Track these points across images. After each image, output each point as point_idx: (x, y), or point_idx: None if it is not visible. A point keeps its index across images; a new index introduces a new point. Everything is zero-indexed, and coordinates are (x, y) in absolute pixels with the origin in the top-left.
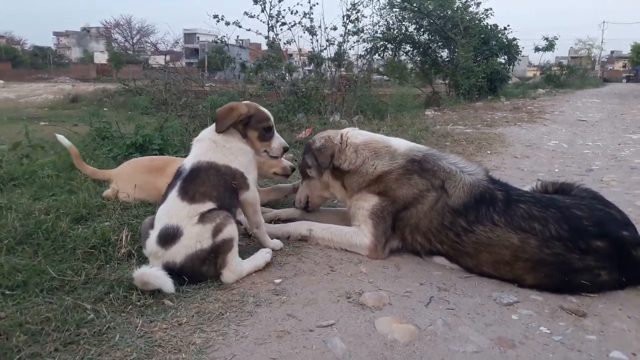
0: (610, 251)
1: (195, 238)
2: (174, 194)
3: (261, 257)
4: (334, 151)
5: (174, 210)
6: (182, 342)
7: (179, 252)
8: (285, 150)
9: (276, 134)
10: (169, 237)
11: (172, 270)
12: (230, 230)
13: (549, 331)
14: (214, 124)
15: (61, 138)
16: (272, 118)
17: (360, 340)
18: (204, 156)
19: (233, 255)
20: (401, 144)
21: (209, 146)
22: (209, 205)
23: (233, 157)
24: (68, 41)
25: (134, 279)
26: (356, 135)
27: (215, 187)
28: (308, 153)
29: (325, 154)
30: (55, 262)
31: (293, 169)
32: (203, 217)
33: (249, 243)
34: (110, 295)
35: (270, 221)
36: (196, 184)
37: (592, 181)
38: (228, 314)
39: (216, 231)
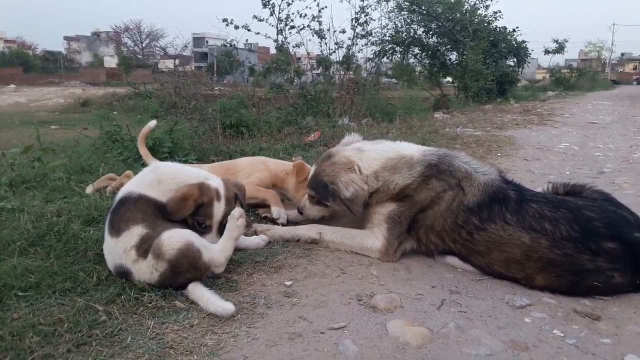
0: (622, 253)
1: (145, 272)
2: (105, 231)
3: (239, 236)
4: (366, 197)
5: (112, 249)
6: (193, 344)
7: (148, 280)
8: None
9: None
10: (125, 275)
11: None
12: (173, 242)
13: (562, 334)
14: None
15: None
16: (216, 216)
17: (372, 342)
18: (137, 188)
19: (208, 254)
20: (415, 151)
21: (149, 182)
22: (136, 230)
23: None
24: (78, 45)
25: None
26: (370, 158)
27: (140, 210)
28: (334, 199)
29: (358, 203)
30: (67, 263)
31: None
32: (139, 250)
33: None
34: (122, 297)
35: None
36: (120, 213)
37: (604, 184)
38: (239, 315)
39: (157, 255)
